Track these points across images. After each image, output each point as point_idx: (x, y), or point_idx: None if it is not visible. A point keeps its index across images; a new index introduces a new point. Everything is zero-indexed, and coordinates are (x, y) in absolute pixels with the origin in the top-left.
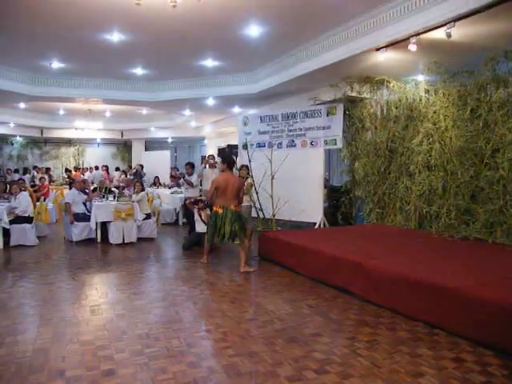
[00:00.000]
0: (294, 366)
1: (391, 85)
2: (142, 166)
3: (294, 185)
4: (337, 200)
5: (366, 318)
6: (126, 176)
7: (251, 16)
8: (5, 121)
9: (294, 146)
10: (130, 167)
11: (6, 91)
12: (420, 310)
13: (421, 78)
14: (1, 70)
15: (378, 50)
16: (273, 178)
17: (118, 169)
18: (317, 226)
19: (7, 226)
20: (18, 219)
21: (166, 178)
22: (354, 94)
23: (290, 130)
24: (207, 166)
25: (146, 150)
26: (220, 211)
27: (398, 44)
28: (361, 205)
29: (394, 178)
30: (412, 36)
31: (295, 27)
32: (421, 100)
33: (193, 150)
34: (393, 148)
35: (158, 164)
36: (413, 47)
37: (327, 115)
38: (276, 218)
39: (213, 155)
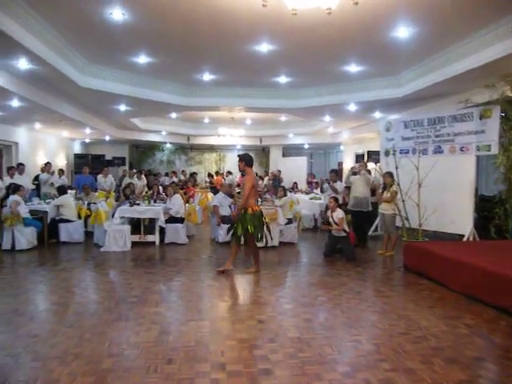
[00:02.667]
0: None
1: None
2: (280, 172)
3: (442, 193)
4: (488, 211)
5: None
6: (263, 181)
7: (401, 17)
8: (158, 129)
9: (441, 152)
10: (267, 173)
11: (163, 103)
12: None
13: None
14: (159, 84)
15: None
16: (420, 187)
17: (256, 174)
18: (465, 239)
19: (164, 225)
20: (172, 219)
21: (302, 184)
22: None
23: (437, 136)
24: (360, 172)
25: (283, 155)
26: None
27: None
28: None
29: None
30: None
31: (447, 26)
32: None
33: (328, 157)
34: None
35: (294, 170)
36: None
37: (480, 119)
38: (422, 228)
39: (364, 162)
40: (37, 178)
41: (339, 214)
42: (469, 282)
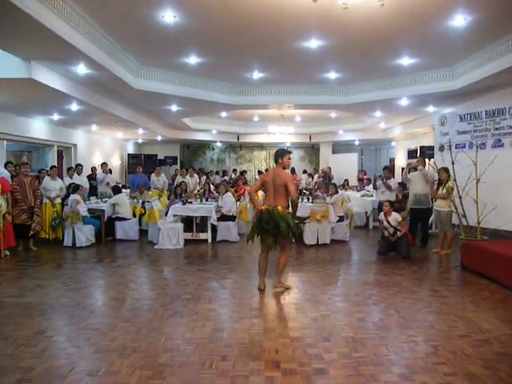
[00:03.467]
0: None
1: None
2: (330, 169)
3: (502, 189)
4: None
5: None
6: (313, 178)
7: (457, 5)
8: (208, 128)
9: (502, 145)
10: (316, 170)
11: (213, 102)
12: None
13: None
14: (209, 84)
15: None
16: (478, 182)
17: (305, 171)
18: None
19: (215, 223)
20: (223, 217)
21: (353, 181)
22: None
23: (497, 129)
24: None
25: (332, 152)
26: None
27: None
28: None
29: None
30: None
31: (506, 12)
32: None
33: (380, 153)
34: None
35: (345, 166)
36: None
37: None
38: (481, 225)
39: (422, 158)
40: (89, 177)
41: (397, 217)
42: None
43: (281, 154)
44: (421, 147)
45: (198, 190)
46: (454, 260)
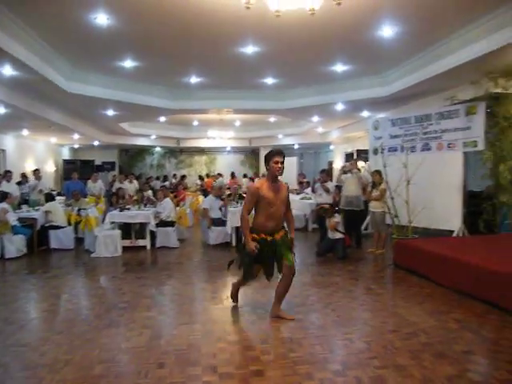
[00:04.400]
0: None
1: None
2: None
3: (431, 190)
4: (477, 206)
5: None
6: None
7: (385, 16)
8: (147, 133)
9: (429, 149)
10: (257, 174)
11: (151, 107)
12: None
13: None
14: (146, 88)
15: None
16: (408, 184)
17: (245, 175)
18: (455, 234)
19: (154, 229)
20: (162, 223)
21: (293, 184)
22: (498, 90)
23: (425, 133)
24: (352, 170)
25: None
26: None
27: None
28: (507, 212)
29: None
30: None
31: (432, 24)
32: None
33: (319, 156)
34: None
35: (285, 170)
36: None
37: (466, 115)
38: (412, 225)
39: (355, 161)
40: (19, 184)
41: (337, 219)
42: (458, 277)
43: (267, 158)
44: (357, 150)
45: (136, 197)
46: (388, 259)
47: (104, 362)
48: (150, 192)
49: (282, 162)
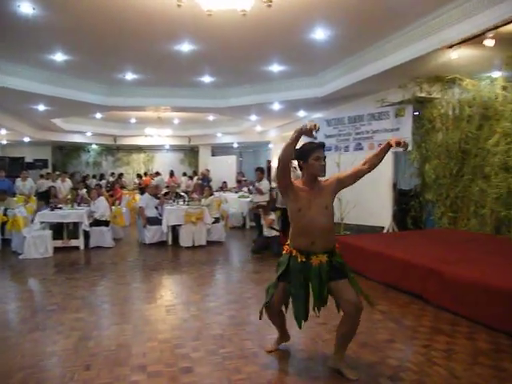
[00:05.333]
0: (368, 371)
1: (464, 83)
2: (208, 171)
3: (363, 188)
4: (406, 204)
5: (441, 326)
6: (192, 181)
7: (317, 20)
8: (83, 130)
9: (362, 149)
10: (196, 172)
11: (85, 103)
12: (502, 320)
13: (497, 74)
14: (80, 83)
15: (450, 47)
16: None
17: (184, 174)
18: (385, 230)
19: (87, 229)
20: (97, 222)
21: (232, 183)
22: (423, 95)
23: (357, 133)
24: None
25: (212, 155)
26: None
27: (472, 40)
28: (431, 209)
29: (467, 181)
30: (488, 30)
31: (362, 29)
32: (497, 98)
33: (258, 155)
34: (466, 149)
35: (224, 169)
36: (489, 42)
37: (395, 117)
38: (344, 221)
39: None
40: None
41: (272, 216)
42: (385, 271)
43: (303, 153)
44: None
45: (69, 197)
46: None
47: (25, 368)
48: (84, 191)
49: (325, 158)
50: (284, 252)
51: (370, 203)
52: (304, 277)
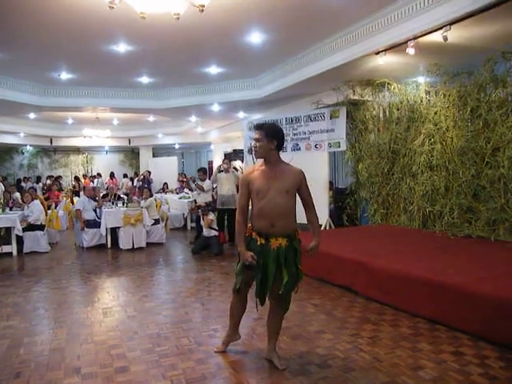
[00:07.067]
0: (298, 361)
1: (392, 87)
2: (149, 173)
3: None
4: (342, 202)
5: (369, 316)
6: (133, 183)
7: (252, 24)
8: (15, 131)
9: (299, 149)
10: (137, 174)
11: (18, 102)
12: (421, 307)
13: (421, 79)
14: (12, 83)
15: (377, 53)
16: None
17: (125, 175)
18: (322, 228)
19: (20, 234)
20: (31, 227)
21: (173, 184)
22: (356, 97)
23: (295, 134)
24: (223, 170)
25: (153, 156)
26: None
27: (396, 48)
28: (365, 206)
29: (397, 179)
30: (410, 40)
31: (296, 34)
32: (422, 101)
33: (200, 156)
34: (395, 149)
35: (165, 170)
36: (411, 50)
37: (330, 118)
38: None
39: (228, 160)
40: None
41: (211, 217)
42: (319, 266)
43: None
44: (234, 150)
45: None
46: None
47: None
48: (17, 194)
49: (257, 140)
50: (246, 235)
51: None
52: (263, 259)
